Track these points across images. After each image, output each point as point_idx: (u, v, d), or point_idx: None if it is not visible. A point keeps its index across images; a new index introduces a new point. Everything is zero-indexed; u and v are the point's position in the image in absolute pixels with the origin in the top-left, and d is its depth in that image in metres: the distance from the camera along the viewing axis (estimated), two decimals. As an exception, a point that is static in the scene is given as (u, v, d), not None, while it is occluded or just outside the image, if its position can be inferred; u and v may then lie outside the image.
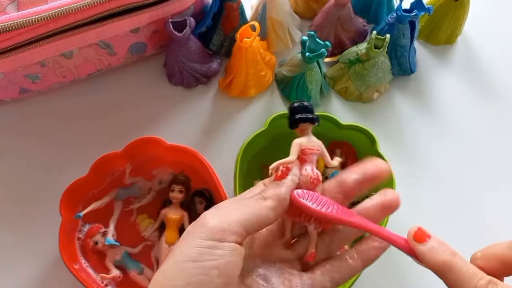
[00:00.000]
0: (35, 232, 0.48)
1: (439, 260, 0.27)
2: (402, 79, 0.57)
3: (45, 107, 0.54)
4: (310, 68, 0.51)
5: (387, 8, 0.58)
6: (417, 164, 0.53)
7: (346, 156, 0.50)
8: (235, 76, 0.53)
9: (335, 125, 0.49)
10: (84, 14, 0.45)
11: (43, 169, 0.51)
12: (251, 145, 0.47)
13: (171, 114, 0.55)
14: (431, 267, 0.27)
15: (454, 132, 0.55)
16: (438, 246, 0.27)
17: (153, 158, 0.47)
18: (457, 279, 0.26)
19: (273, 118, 0.48)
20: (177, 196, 0.46)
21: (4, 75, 0.48)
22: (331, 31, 0.56)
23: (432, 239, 0.27)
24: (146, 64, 0.57)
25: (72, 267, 0.43)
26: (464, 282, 0.26)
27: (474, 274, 0.26)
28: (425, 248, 0.27)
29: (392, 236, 0.29)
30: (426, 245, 0.27)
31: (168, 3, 0.48)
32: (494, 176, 0.52)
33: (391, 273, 0.48)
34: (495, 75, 0.59)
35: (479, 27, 0.61)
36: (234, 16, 0.53)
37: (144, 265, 0.46)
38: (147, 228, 0.47)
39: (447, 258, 0.26)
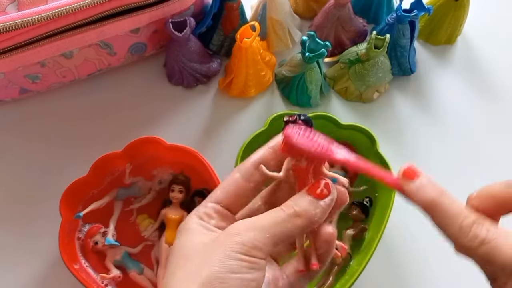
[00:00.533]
0: (35, 232, 0.48)
1: (426, 198, 0.26)
2: (402, 79, 0.57)
3: (45, 107, 0.54)
4: (310, 68, 0.51)
5: (387, 8, 0.58)
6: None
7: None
8: (235, 76, 0.53)
9: (335, 125, 0.49)
10: (84, 14, 0.45)
11: (43, 169, 0.51)
12: (251, 145, 0.47)
13: (171, 114, 0.55)
14: (419, 205, 0.26)
15: (454, 132, 0.55)
16: (427, 184, 0.26)
17: (153, 158, 0.47)
18: (443, 218, 0.25)
19: (273, 118, 0.48)
20: (177, 196, 0.46)
21: (4, 75, 0.48)
22: (331, 31, 0.56)
23: (422, 176, 0.27)
24: (146, 64, 0.57)
25: (72, 267, 0.43)
26: (449, 221, 0.25)
27: (460, 213, 0.25)
28: (414, 185, 0.27)
29: (382, 174, 0.28)
30: (415, 183, 0.27)
31: (168, 3, 0.48)
32: (494, 176, 0.52)
33: (391, 273, 0.48)
34: (495, 75, 0.59)
35: (479, 27, 0.61)
36: (234, 16, 0.53)
37: (144, 265, 0.46)
38: (147, 228, 0.47)
39: (435, 195, 0.26)
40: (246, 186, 0.30)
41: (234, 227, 0.27)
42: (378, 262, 0.45)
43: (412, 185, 0.27)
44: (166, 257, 0.45)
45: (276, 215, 0.28)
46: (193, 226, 0.29)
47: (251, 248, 0.26)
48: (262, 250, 0.26)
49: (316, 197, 0.28)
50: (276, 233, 0.27)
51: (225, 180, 0.31)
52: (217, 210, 0.30)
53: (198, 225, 0.29)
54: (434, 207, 0.26)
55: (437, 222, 0.26)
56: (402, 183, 0.27)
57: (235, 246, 0.26)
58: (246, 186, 0.30)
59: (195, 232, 0.29)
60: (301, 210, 0.27)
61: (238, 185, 0.30)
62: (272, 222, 0.27)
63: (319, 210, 0.28)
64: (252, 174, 0.30)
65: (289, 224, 0.27)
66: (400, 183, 0.27)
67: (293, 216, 0.27)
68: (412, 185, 0.27)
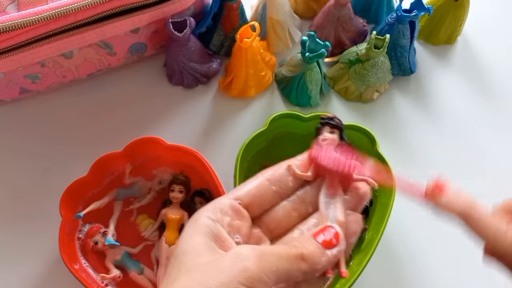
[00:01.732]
0: (35, 232, 0.48)
1: (457, 211, 0.28)
2: (402, 79, 0.57)
3: (45, 107, 0.54)
4: (310, 68, 0.51)
5: (387, 8, 0.58)
6: (417, 164, 0.53)
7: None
8: (235, 76, 0.53)
9: (335, 125, 0.49)
10: (84, 14, 0.45)
11: (43, 169, 0.51)
12: (251, 145, 0.47)
13: (171, 114, 0.55)
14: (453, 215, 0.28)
15: (454, 132, 0.55)
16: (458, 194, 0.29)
17: (153, 158, 0.48)
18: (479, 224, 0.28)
19: (273, 118, 0.48)
20: (177, 196, 0.46)
21: (4, 75, 0.48)
22: (331, 31, 0.56)
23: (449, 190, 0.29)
24: (146, 64, 0.57)
25: (72, 267, 0.43)
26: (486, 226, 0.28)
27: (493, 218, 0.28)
28: (443, 201, 0.29)
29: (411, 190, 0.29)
30: (444, 198, 0.29)
31: (168, 3, 0.49)
32: (494, 176, 0.52)
33: (391, 273, 0.48)
34: (495, 75, 0.59)
35: (479, 27, 0.61)
36: (234, 16, 0.53)
37: (144, 265, 0.46)
38: (147, 228, 0.47)
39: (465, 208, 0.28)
40: (268, 188, 0.30)
41: (242, 253, 0.26)
42: (378, 262, 0.45)
43: (441, 201, 0.29)
44: (166, 257, 0.45)
45: (283, 252, 0.26)
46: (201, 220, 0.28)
47: (256, 281, 0.25)
48: (266, 284, 0.25)
49: (324, 245, 0.27)
50: (280, 270, 0.26)
51: (249, 179, 0.30)
52: (234, 207, 0.29)
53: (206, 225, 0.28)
54: (468, 216, 0.28)
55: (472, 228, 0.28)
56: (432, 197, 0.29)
57: (241, 276, 0.24)
58: (268, 188, 0.30)
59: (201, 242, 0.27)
60: (308, 253, 0.26)
61: (261, 185, 0.30)
62: (279, 258, 0.26)
63: (324, 259, 0.27)
64: (278, 178, 0.30)
65: (294, 265, 0.26)
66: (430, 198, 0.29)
67: (299, 259, 0.26)
68: (441, 200, 0.29)
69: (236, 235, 0.28)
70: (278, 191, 0.30)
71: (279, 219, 0.30)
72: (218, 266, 0.25)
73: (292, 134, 0.49)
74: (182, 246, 0.27)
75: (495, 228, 0.27)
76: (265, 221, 0.30)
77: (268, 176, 0.30)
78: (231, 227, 0.28)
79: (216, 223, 0.28)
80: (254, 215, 0.30)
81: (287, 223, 0.30)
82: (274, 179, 0.30)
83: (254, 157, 0.49)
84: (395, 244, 0.49)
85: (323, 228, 0.28)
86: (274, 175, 0.30)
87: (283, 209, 0.30)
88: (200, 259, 0.26)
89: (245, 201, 0.29)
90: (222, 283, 0.24)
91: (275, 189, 0.30)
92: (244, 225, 0.29)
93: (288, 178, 0.30)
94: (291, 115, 0.48)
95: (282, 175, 0.30)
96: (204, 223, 0.28)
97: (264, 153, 0.49)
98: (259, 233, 0.30)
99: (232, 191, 0.30)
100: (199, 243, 0.27)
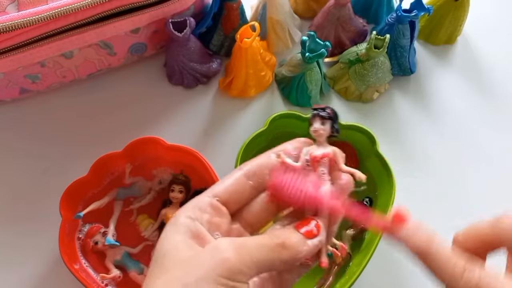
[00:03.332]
0: (35, 232, 0.48)
1: (416, 245, 0.26)
2: (402, 79, 0.57)
3: (45, 107, 0.54)
4: (310, 68, 0.51)
5: (387, 8, 0.58)
6: (417, 164, 0.53)
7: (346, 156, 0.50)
8: (235, 76, 0.53)
9: (335, 125, 0.49)
10: (84, 14, 0.45)
11: (43, 169, 0.51)
12: (251, 145, 0.47)
13: (171, 114, 0.55)
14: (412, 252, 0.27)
15: (454, 132, 0.55)
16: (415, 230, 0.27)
17: (153, 158, 0.48)
18: (435, 265, 0.26)
19: (273, 118, 0.48)
20: (177, 196, 0.46)
21: (4, 75, 0.48)
22: (331, 31, 0.56)
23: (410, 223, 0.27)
24: (146, 64, 0.57)
25: (72, 267, 0.43)
26: (441, 268, 0.26)
27: (449, 259, 0.26)
28: (404, 233, 0.27)
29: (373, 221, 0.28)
30: (404, 231, 0.27)
31: (168, 4, 0.48)
32: (494, 175, 0.52)
33: (391, 273, 0.48)
34: (495, 75, 0.59)
35: (479, 27, 0.61)
36: (234, 16, 0.53)
37: (144, 265, 0.46)
38: (147, 228, 0.47)
39: (424, 244, 0.26)
40: (245, 183, 0.30)
41: (220, 245, 0.26)
42: (378, 262, 0.45)
43: (402, 233, 0.27)
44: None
45: (264, 242, 0.27)
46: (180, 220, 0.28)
47: (236, 273, 0.25)
48: (246, 275, 0.25)
49: (305, 235, 0.27)
50: (261, 260, 0.26)
51: (226, 176, 0.30)
52: (213, 205, 0.29)
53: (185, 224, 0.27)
54: (424, 256, 0.26)
55: (429, 269, 0.26)
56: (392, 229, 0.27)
57: (220, 268, 0.25)
58: (245, 183, 0.30)
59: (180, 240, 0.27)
60: (289, 243, 0.27)
61: (238, 181, 0.30)
62: (259, 248, 0.26)
63: (306, 248, 0.27)
64: (254, 173, 0.30)
65: (275, 254, 0.26)
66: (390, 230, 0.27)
67: (280, 247, 0.27)
68: (402, 232, 0.27)
69: (216, 232, 0.28)
70: (255, 185, 0.30)
71: (257, 212, 0.30)
72: (196, 261, 0.25)
73: (292, 134, 0.49)
74: (162, 246, 0.27)
75: (451, 269, 0.25)
76: (244, 216, 0.30)
77: (245, 171, 0.30)
78: (210, 224, 0.28)
79: (195, 221, 0.28)
80: (233, 210, 0.30)
81: (266, 216, 0.30)
82: (250, 173, 0.30)
83: (254, 157, 0.48)
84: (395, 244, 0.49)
85: (305, 220, 0.28)
86: (250, 170, 0.30)
87: (261, 203, 0.30)
88: (180, 257, 0.26)
89: (223, 197, 0.29)
90: (201, 277, 0.24)
91: (252, 184, 0.30)
92: (223, 221, 0.29)
93: (264, 172, 0.30)
94: (291, 115, 0.48)
95: (259, 169, 0.30)
96: (182, 222, 0.28)
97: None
98: (239, 228, 0.30)
99: (209, 188, 0.30)
100: (178, 241, 0.27)
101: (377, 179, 0.47)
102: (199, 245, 0.27)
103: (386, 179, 0.46)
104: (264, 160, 0.30)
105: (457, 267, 0.25)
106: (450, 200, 0.51)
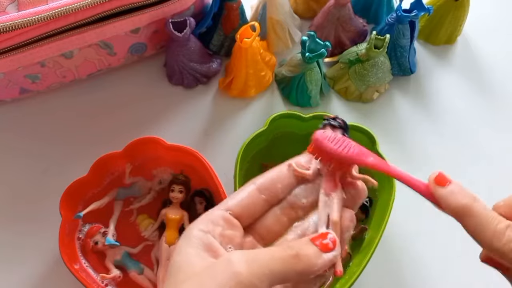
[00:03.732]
0: (35, 232, 0.48)
1: (459, 203, 0.27)
2: (402, 79, 0.57)
3: (45, 107, 0.54)
4: (310, 68, 0.51)
5: (387, 8, 0.58)
6: (417, 164, 0.53)
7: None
8: (235, 76, 0.53)
9: (335, 125, 0.49)
10: (84, 14, 0.45)
11: (43, 169, 0.51)
12: (251, 145, 0.47)
13: (171, 114, 0.55)
14: (451, 211, 0.27)
15: (454, 132, 0.55)
16: (459, 190, 0.27)
17: (153, 158, 0.48)
18: (477, 223, 0.26)
19: (273, 118, 0.48)
20: (177, 196, 0.46)
21: (4, 75, 0.48)
22: (331, 31, 0.56)
23: (453, 183, 0.27)
24: (146, 64, 0.57)
25: (72, 267, 0.43)
26: (484, 225, 0.26)
27: (493, 218, 0.26)
28: (446, 191, 0.27)
29: (412, 180, 0.28)
30: (447, 189, 0.27)
31: (168, 3, 0.49)
32: (494, 175, 0.52)
33: (391, 273, 0.48)
34: (495, 75, 0.59)
35: (479, 27, 0.61)
36: (234, 16, 0.53)
37: (144, 265, 0.46)
38: (147, 228, 0.47)
39: (468, 201, 0.27)
40: (258, 197, 0.30)
41: (232, 258, 0.26)
42: (378, 262, 0.45)
43: (444, 191, 0.27)
44: (167, 257, 0.45)
45: (276, 254, 0.26)
46: (194, 233, 0.28)
47: (248, 286, 0.25)
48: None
49: (321, 248, 0.27)
50: (274, 272, 0.26)
51: (238, 189, 0.31)
52: (226, 218, 0.29)
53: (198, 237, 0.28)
54: (467, 213, 0.27)
55: (469, 227, 0.27)
56: (433, 190, 0.27)
57: (233, 282, 0.25)
58: (258, 197, 0.30)
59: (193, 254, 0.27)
60: (304, 254, 0.27)
61: (250, 194, 0.30)
62: (272, 260, 0.26)
63: (320, 262, 0.27)
64: (267, 187, 0.30)
65: (288, 265, 0.26)
66: (431, 189, 0.28)
67: (295, 258, 0.26)
68: (444, 191, 0.27)
69: (228, 245, 0.28)
70: (268, 199, 0.30)
71: (270, 225, 0.30)
72: (210, 274, 0.25)
73: (292, 134, 0.49)
74: (175, 260, 0.27)
75: (493, 226, 0.26)
76: (256, 229, 0.30)
77: (258, 185, 0.30)
78: (223, 237, 0.28)
79: (207, 234, 0.28)
80: (246, 224, 0.30)
81: (279, 229, 0.30)
82: (263, 187, 0.30)
83: (254, 157, 0.49)
84: (395, 244, 0.49)
85: (321, 234, 0.28)
86: (263, 184, 0.30)
87: (273, 216, 0.30)
88: (194, 270, 0.26)
89: (235, 211, 0.29)
90: None
91: (264, 198, 0.30)
92: (236, 234, 0.29)
93: (277, 186, 0.30)
94: (291, 115, 0.48)
95: (271, 183, 0.30)
96: (195, 235, 0.28)
97: (264, 153, 0.49)
98: (251, 241, 0.30)
99: (222, 202, 0.30)
100: (191, 255, 0.27)
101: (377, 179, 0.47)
102: (212, 257, 0.27)
103: (386, 179, 0.46)
104: (276, 173, 0.31)
105: (500, 224, 0.26)
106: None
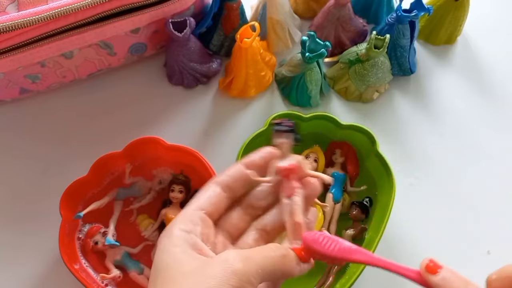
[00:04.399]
0: (35, 232, 0.48)
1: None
2: (402, 79, 0.57)
3: (45, 107, 0.54)
4: (310, 68, 0.51)
5: (387, 8, 0.58)
6: (417, 164, 0.53)
7: (346, 156, 0.50)
8: (235, 76, 0.53)
9: (335, 125, 0.49)
10: (84, 14, 0.45)
11: (43, 169, 0.51)
12: (251, 145, 0.47)
13: (171, 114, 0.55)
14: None
15: (454, 132, 0.55)
16: (450, 276, 0.27)
17: (153, 158, 0.48)
18: None
19: (273, 118, 0.48)
20: (177, 196, 0.46)
21: (4, 75, 0.48)
22: (331, 31, 0.56)
23: (444, 269, 0.27)
24: (146, 64, 0.57)
25: (72, 267, 0.43)
26: None
27: None
28: (437, 279, 0.27)
29: (403, 269, 0.30)
30: (438, 276, 0.27)
31: (168, 3, 0.49)
32: (495, 175, 0.52)
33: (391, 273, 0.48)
34: (495, 75, 0.59)
35: (479, 27, 0.61)
36: (234, 16, 0.53)
37: (144, 265, 0.46)
38: (147, 228, 0.47)
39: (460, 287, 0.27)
40: (222, 195, 0.32)
41: (229, 257, 0.27)
42: (378, 262, 0.45)
43: (436, 279, 0.27)
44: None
45: (268, 253, 0.29)
46: (176, 233, 0.29)
47: (246, 283, 0.26)
48: (254, 284, 0.27)
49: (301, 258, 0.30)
50: (266, 270, 0.28)
51: (203, 190, 0.32)
52: (202, 217, 0.31)
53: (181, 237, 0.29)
54: None
55: None
56: (426, 278, 0.28)
57: (233, 279, 0.26)
58: (222, 195, 0.32)
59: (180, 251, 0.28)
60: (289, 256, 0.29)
61: (216, 193, 0.32)
62: (265, 259, 0.28)
63: (298, 270, 0.30)
64: (228, 185, 0.32)
65: (277, 265, 0.28)
66: (424, 277, 0.28)
67: (283, 258, 0.29)
68: (436, 278, 0.27)
69: (206, 244, 0.30)
70: (230, 196, 0.33)
71: (235, 223, 0.33)
72: (207, 272, 0.26)
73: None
74: (161, 259, 0.28)
75: None
76: (224, 226, 0.33)
77: (220, 184, 0.32)
78: (202, 235, 0.30)
79: (191, 234, 0.29)
80: (214, 219, 0.32)
81: (243, 226, 0.33)
82: (224, 185, 0.32)
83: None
84: (395, 244, 0.49)
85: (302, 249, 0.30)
86: (224, 182, 0.32)
87: (237, 214, 0.33)
88: (185, 268, 0.27)
89: (208, 210, 0.31)
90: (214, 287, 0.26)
91: (227, 195, 0.32)
92: (211, 233, 0.31)
93: (237, 184, 0.33)
94: (291, 115, 0.48)
95: (232, 180, 0.33)
96: (178, 235, 0.29)
97: (264, 153, 0.49)
98: (221, 238, 0.32)
99: (193, 201, 0.32)
100: (178, 253, 0.28)
101: (377, 179, 0.47)
102: (200, 255, 0.28)
103: (386, 179, 0.46)
104: (235, 172, 0.33)
105: None
106: (451, 200, 0.51)
